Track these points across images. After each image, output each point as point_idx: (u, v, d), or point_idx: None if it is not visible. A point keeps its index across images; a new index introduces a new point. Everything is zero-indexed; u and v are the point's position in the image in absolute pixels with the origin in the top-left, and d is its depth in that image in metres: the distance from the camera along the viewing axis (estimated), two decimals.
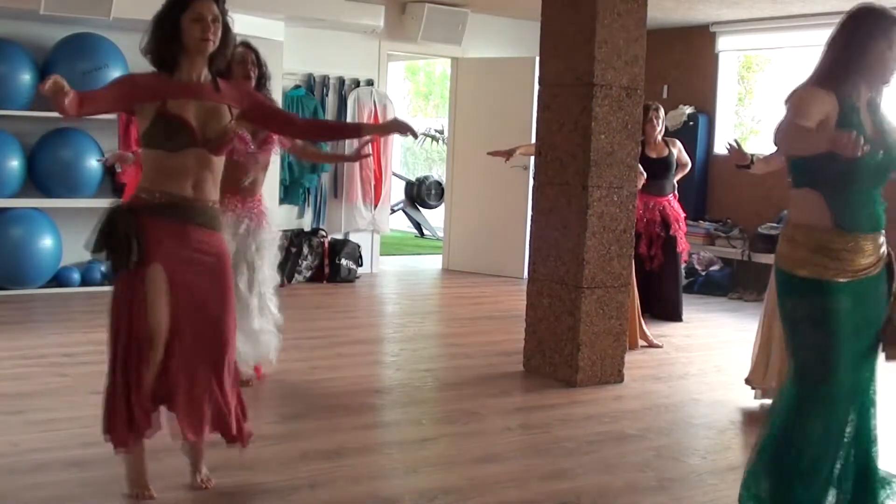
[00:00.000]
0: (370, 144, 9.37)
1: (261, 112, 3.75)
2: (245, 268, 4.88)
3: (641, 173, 6.43)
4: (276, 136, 4.95)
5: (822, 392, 3.00)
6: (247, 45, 4.86)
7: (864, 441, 3.13)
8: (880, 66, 2.96)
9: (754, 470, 3.20)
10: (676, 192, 7.71)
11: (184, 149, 3.40)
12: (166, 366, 3.46)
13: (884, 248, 3.06)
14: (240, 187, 4.86)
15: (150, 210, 3.41)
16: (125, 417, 3.41)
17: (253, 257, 4.91)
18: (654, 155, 7.44)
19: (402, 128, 3.94)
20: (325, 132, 4.92)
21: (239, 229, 4.86)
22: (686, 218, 7.81)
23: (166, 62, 3.44)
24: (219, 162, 3.53)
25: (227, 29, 3.46)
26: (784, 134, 2.86)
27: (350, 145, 9.36)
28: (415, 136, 4.04)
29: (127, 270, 3.38)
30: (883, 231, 3.06)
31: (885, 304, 3.08)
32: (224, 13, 3.45)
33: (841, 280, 2.95)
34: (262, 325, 4.96)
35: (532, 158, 6.84)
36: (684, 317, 7.77)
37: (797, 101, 2.95)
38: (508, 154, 6.87)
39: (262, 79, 4.90)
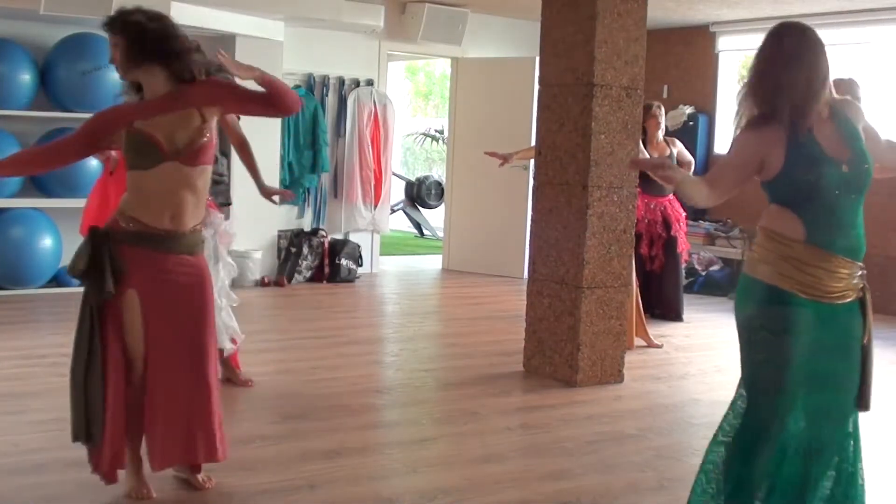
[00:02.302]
0: (369, 145, 9.43)
1: (234, 97, 3.53)
2: None
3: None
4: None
5: (771, 405, 2.94)
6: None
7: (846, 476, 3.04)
8: (804, 85, 2.86)
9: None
10: None
11: (156, 165, 3.39)
12: (143, 398, 3.48)
13: (858, 281, 2.96)
14: None
15: (128, 238, 3.41)
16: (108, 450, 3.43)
17: None
18: (655, 154, 7.44)
19: None
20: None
21: None
22: (686, 218, 7.81)
23: (133, 85, 3.58)
24: (200, 176, 3.46)
25: (164, 37, 3.42)
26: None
27: (345, 149, 9.38)
28: None
29: (101, 300, 3.38)
30: (861, 263, 2.97)
31: (860, 338, 2.97)
32: (130, 34, 3.47)
33: (803, 296, 2.89)
34: None
35: (532, 158, 6.84)
36: (684, 317, 7.77)
37: (730, 152, 2.99)
38: (505, 158, 6.86)
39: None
